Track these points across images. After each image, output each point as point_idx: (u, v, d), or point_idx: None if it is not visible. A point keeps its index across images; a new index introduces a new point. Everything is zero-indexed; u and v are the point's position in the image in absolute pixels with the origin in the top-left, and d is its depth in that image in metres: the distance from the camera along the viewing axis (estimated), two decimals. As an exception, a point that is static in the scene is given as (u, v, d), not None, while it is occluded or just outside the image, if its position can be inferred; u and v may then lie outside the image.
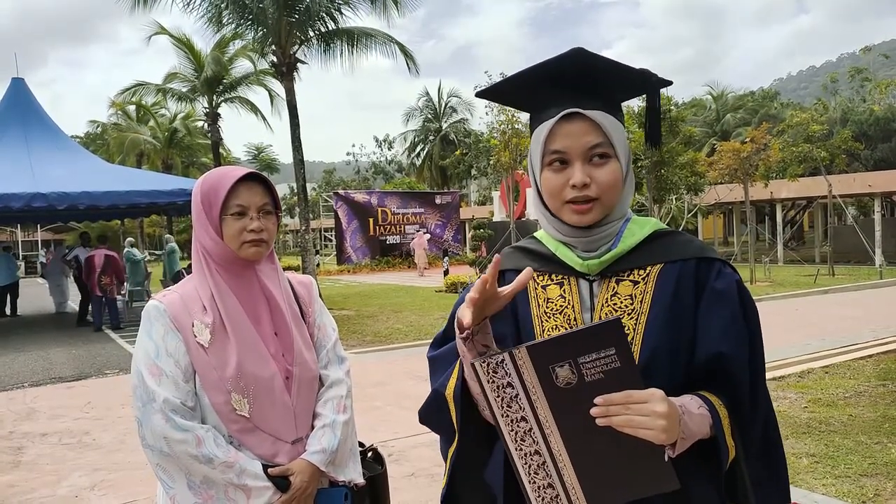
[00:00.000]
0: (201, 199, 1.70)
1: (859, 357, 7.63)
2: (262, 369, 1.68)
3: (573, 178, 1.21)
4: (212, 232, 1.68)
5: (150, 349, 1.63)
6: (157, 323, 1.65)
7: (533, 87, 1.28)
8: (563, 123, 1.22)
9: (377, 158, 61.37)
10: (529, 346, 1.06)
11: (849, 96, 40.85)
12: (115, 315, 12.90)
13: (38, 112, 14.20)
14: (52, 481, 4.66)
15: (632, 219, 1.31)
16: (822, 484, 4.01)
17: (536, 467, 1.11)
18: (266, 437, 1.69)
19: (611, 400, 1.03)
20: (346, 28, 15.27)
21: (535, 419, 1.09)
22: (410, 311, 13.47)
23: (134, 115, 35.76)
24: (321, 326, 1.90)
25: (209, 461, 1.59)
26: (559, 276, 1.31)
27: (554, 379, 1.06)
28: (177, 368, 1.62)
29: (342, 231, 28.90)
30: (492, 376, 1.09)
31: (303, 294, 1.89)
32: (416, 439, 5.11)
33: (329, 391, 1.84)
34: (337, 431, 1.78)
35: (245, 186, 1.69)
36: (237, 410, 1.64)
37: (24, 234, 47.22)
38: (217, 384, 1.64)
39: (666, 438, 1.04)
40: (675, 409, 1.07)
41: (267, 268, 1.77)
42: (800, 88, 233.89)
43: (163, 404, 1.58)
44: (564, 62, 1.22)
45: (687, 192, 20.88)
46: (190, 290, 1.71)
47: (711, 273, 1.25)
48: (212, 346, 1.65)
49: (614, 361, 1.03)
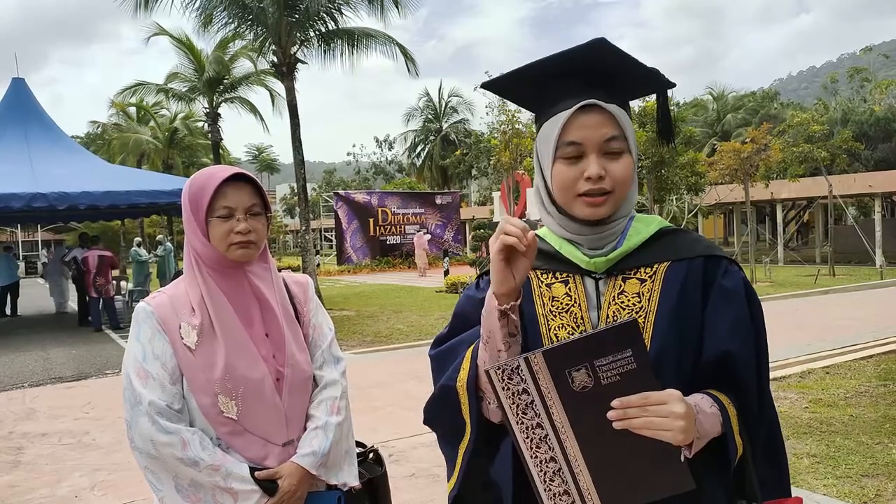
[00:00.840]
0: (189, 201, 1.68)
1: (860, 357, 7.63)
2: (251, 371, 1.65)
3: (588, 171, 1.19)
4: (199, 234, 1.67)
5: (137, 352, 1.63)
6: (145, 325, 1.65)
7: (545, 78, 1.26)
8: (578, 115, 1.21)
9: (377, 158, 61.40)
10: (545, 351, 1.05)
11: (849, 96, 40.86)
12: (114, 315, 12.91)
13: (38, 112, 14.20)
14: (51, 481, 4.66)
15: (636, 217, 1.31)
16: (823, 484, 4.00)
17: (552, 474, 1.09)
18: (255, 439, 1.67)
19: (628, 402, 1.03)
20: (347, 28, 15.27)
21: (550, 425, 1.08)
22: (411, 312, 13.46)
23: (134, 116, 35.76)
24: (316, 326, 1.87)
25: (195, 464, 1.57)
26: (563, 273, 1.30)
27: (570, 383, 1.05)
28: (163, 371, 1.61)
29: (342, 231, 28.90)
30: (507, 383, 1.08)
31: (298, 293, 1.87)
32: (417, 440, 5.11)
33: (323, 392, 1.81)
34: (329, 433, 1.74)
35: (232, 187, 1.67)
36: (224, 413, 1.63)
37: (24, 235, 47.24)
38: (204, 386, 1.62)
39: (684, 439, 1.04)
40: (692, 409, 1.07)
41: (258, 268, 1.75)
42: (800, 88, 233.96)
43: (148, 407, 1.57)
44: (587, 52, 1.21)
45: (687, 192, 20.89)
46: (180, 292, 1.70)
47: (719, 271, 1.25)
48: (199, 348, 1.63)
49: (630, 363, 1.02)
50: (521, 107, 1.40)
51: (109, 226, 25.40)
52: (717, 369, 1.21)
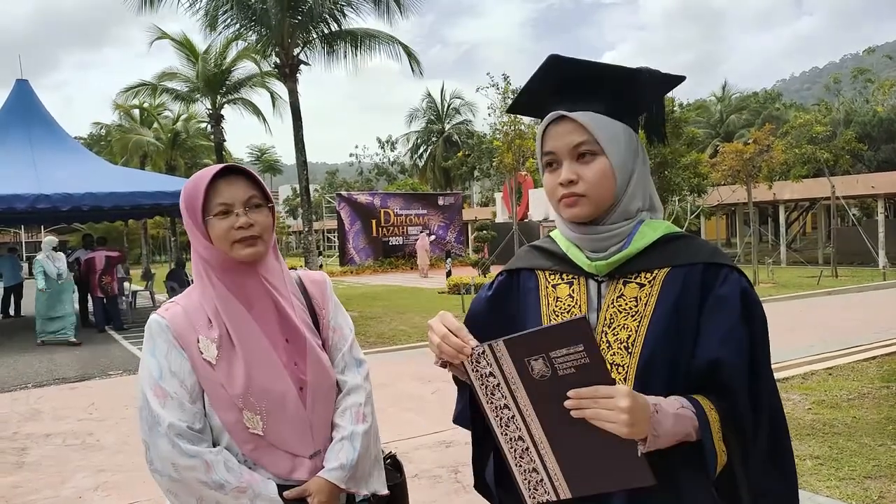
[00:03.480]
0: (186, 206, 1.59)
1: (863, 359, 7.61)
2: (273, 382, 1.57)
3: (561, 177, 1.28)
4: (201, 238, 1.57)
5: (153, 368, 1.54)
6: (160, 339, 1.56)
7: (533, 96, 1.36)
8: (552, 126, 1.30)
9: (380, 160, 61.40)
10: (506, 340, 1.13)
11: (851, 97, 40.78)
12: (118, 316, 12.94)
13: (41, 113, 14.22)
14: (55, 482, 4.67)
15: (645, 221, 1.32)
16: (825, 486, 4.00)
17: (521, 452, 1.19)
18: (282, 454, 1.59)
19: (579, 394, 1.09)
20: (350, 30, 15.31)
21: (516, 407, 1.17)
22: (414, 313, 13.47)
23: (137, 117, 35.82)
24: (336, 328, 1.76)
25: (220, 487, 1.50)
26: (570, 275, 1.35)
27: (530, 371, 1.12)
28: (182, 389, 1.53)
29: (345, 232, 28.90)
30: (475, 366, 1.18)
31: (315, 293, 1.76)
32: (420, 441, 5.12)
33: (347, 399, 1.72)
34: (356, 444, 1.66)
35: (225, 182, 1.56)
36: (250, 429, 1.55)
37: (27, 236, 47.31)
38: (227, 403, 1.54)
39: (630, 433, 1.07)
40: (642, 405, 1.10)
41: (271, 268, 1.64)
42: (802, 89, 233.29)
43: (168, 429, 1.49)
44: (544, 71, 1.28)
45: (690, 193, 20.85)
46: (194, 302, 1.61)
47: (717, 279, 1.26)
48: (219, 363, 1.55)
49: (584, 358, 1.08)
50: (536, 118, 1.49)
51: (113, 227, 25.45)
52: (707, 377, 1.22)
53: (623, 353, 1.25)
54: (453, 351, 1.19)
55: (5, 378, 8.61)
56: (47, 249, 11.33)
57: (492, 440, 1.33)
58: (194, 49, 23.22)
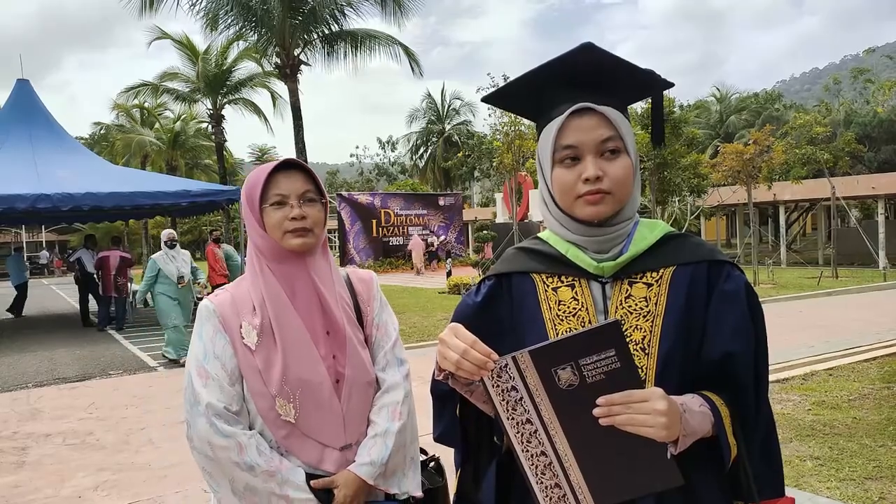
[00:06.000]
0: (245, 196, 1.66)
1: (863, 359, 7.60)
2: (309, 373, 1.61)
3: (586, 172, 1.21)
4: (257, 226, 1.63)
5: (199, 350, 1.61)
6: (208, 324, 1.63)
7: (541, 86, 1.28)
8: (573, 118, 1.23)
9: (380, 160, 61.47)
10: (532, 350, 1.08)
11: (852, 98, 40.78)
12: (122, 316, 12.96)
13: (42, 113, 14.21)
14: (55, 482, 4.67)
15: (640, 221, 1.32)
16: (826, 487, 4.00)
17: (543, 468, 1.14)
18: (312, 443, 1.62)
19: (612, 400, 1.06)
20: (350, 30, 15.32)
21: (539, 421, 1.12)
22: (414, 313, 13.47)
23: (138, 117, 35.85)
24: (380, 325, 1.79)
25: (251, 469, 1.54)
26: (570, 277, 1.31)
27: (556, 381, 1.08)
28: (223, 371, 1.58)
29: (345, 232, 28.89)
30: (496, 381, 1.12)
31: (361, 291, 1.80)
32: (420, 441, 5.11)
33: (385, 396, 1.73)
34: (389, 441, 1.67)
35: (283, 175, 1.63)
36: (282, 416, 1.59)
37: (28, 235, 47.33)
38: (262, 389, 1.59)
39: (667, 435, 1.07)
40: (675, 406, 1.10)
41: (320, 263, 1.69)
42: (803, 90, 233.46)
43: (206, 409, 1.55)
44: (575, 57, 1.23)
45: (690, 193, 20.85)
46: (243, 290, 1.67)
47: (721, 275, 1.27)
48: (258, 349, 1.60)
49: (614, 362, 1.05)
50: (522, 116, 1.42)
51: (114, 227, 25.47)
52: (718, 370, 1.23)
53: (640, 354, 1.23)
54: (474, 367, 1.11)
55: (5, 378, 8.61)
56: (170, 245, 9.26)
57: (481, 460, 1.34)
58: (195, 49, 23.26)
